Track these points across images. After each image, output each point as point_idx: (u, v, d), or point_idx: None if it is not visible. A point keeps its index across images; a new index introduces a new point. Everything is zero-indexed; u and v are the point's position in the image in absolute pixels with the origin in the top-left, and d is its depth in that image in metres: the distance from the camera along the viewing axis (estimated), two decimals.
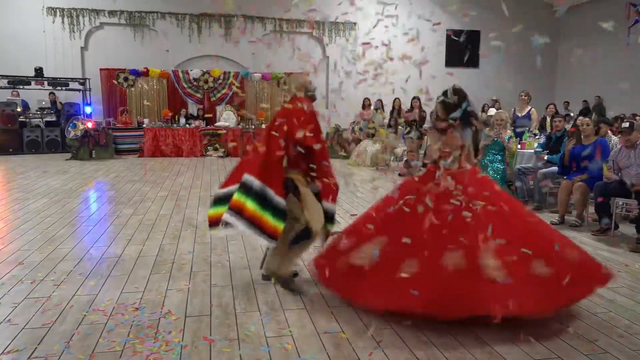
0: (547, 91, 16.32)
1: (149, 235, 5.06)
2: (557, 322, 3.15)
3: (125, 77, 13.28)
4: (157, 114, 13.38)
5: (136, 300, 3.37)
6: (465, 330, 2.97)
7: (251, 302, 3.38)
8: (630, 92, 13.40)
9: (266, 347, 2.77)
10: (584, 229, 5.59)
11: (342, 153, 12.25)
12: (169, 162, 11.23)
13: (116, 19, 13.91)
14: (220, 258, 4.34)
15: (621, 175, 5.21)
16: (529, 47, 16.78)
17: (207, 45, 14.52)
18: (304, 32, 15.13)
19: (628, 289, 3.79)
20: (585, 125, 5.96)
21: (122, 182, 8.30)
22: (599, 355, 2.74)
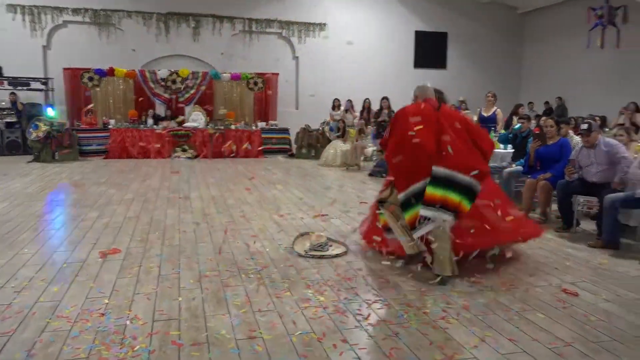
0: (513, 92, 16.71)
1: (115, 238, 4.95)
2: (521, 317, 3.23)
3: (90, 77, 12.96)
4: (124, 114, 13.11)
5: (102, 306, 3.29)
6: (437, 329, 3.02)
7: (221, 305, 3.35)
8: (591, 94, 13.86)
9: (236, 350, 2.74)
10: (547, 226, 5.75)
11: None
12: (136, 163, 11.02)
13: (80, 17, 13.56)
14: (189, 260, 4.28)
15: (582, 173, 5.38)
16: (495, 48, 17.30)
17: (175, 45, 14.31)
18: (274, 32, 15.08)
19: (589, 283, 3.91)
20: (550, 126, 6.13)
21: (87, 185, 8.10)
22: (561, 349, 2.81)
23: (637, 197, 4.71)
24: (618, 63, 13.09)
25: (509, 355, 2.73)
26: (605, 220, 4.85)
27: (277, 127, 13.37)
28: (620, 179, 5.02)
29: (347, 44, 15.01)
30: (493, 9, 16.66)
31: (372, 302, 3.43)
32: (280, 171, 10.25)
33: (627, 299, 3.59)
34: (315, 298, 3.49)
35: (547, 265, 4.35)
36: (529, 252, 4.72)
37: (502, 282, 3.89)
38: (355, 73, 15.37)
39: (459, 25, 16.48)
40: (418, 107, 4.00)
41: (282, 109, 14.68)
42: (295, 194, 7.60)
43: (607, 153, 5.12)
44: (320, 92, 14.99)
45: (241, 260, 4.32)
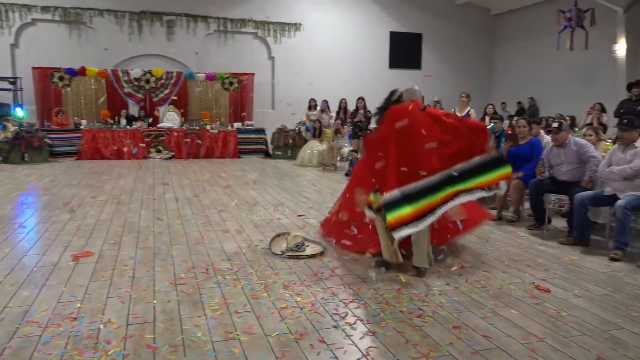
0: (485, 92, 17.00)
1: (87, 241, 4.85)
2: (495, 313, 3.28)
3: (61, 77, 12.69)
4: (96, 114, 12.86)
5: (74, 310, 3.22)
6: (415, 330, 3.05)
7: (196, 307, 3.31)
8: (561, 94, 14.19)
9: (212, 352, 2.72)
10: (520, 224, 5.86)
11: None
12: (109, 164, 10.82)
13: (50, 16, 13.25)
14: (164, 262, 4.23)
15: (553, 172, 5.50)
16: (469, 49, 17.51)
17: (148, 44, 14.11)
18: (249, 32, 15.00)
19: (560, 279, 4.00)
20: (522, 127, 6.25)
21: (59, 187, 7.92)
22: (534, 344, 2.87)
23: (606, 195, 4.84)
24: (586, 64, 13.45)
25: (483, 351, 2.78)
26: (575, 218, 4.97)
27: (253, 128, 13.30)
28: (590, 178, 5.16)
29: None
30: (466, 10, 16.92)
31: (348, 302, 3.44)
32: (256, 171, 10.20)
33: (596, 294, 3.69)
34: (292, 298, 3.48)
35: (520, 262, 4.43)
36: (502, 250, 4.81)
37: (476, 279, 3.95)
38: (331, 73, 15.41)
39: (434, 27, 16.68)
40: (406, 108, 4.11)
41: (258, 109, 14.62)
42: (271, 194, 7.58)
43: (577, 152, 5.25)
44: (296, 92, 14.98)
45: (217, 261, 4.28)
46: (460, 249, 4.77)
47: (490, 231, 5.55)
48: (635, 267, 4.28)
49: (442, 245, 4.53)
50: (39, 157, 10.97)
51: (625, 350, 2.82)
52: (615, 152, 4.91)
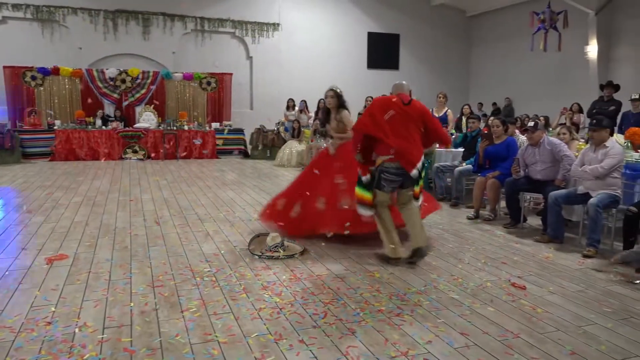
0: (462, 93, 17.22)
1: (62, 243, 4.75)
2: (472, 311, 3.33)
3: (33, 76, 12.41)
4: (70, 115, 12.61)
5: (48, 314, 3.15)
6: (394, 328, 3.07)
7: (175, 309, 3.28)
8: (535, 95, 14.46)
9: (191, 355, 2.69)
10: (496, 223, 5.95)
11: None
12: (84, 166, 10.63)
13: (21, 14, 12.94)
14: (141, 264, 4.17)
15: (528, 171, 5.60)
16: (445, 50, 17.69)
17: (124, 44, 13.90)
18: (227, 31, 14.90)
19: (536, 276, 4.07)
20: (496, 126, 6.35)
21: (32, 188, 7.74)
22: (510, 340, 2.92)
23: (579, 194, 4.95)
24: (560, 65, 13.73)
25: (461, 349, 2.81)
26: (549, 216, 5.07)
27: (231, 128, 13.22)
28: (563, 177, 5.26)
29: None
30: (443, 11, 17.10)
31: (328, 302, 3.44)
32: (235, 172, 10.14)
33: (571, 290, 3.77)
34: (272, 299, 3.47)
35: (497, 260, 4.50)
36: (479, 248, 4.88)
37: (454, 278, 4.00)
38: (309, 73, 15.41)
39: (411, 27, 16.83)
40: (389, 100, 4.40)
41: (237, 109, 14.54)
42: (250, 194, 7.54)
43: (551, 151, 5.35)
44: (275, 92, 14.94)
45: (195, 263, 4.25)
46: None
47: (468, 230, 5.63)
48: (608, 264, 4.38)
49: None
50: (10, 158, 10.72)
51: (598, 344, 2.89)
52: (587, 151, 5.02)
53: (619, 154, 4.78)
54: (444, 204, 6.99)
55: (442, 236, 5.33)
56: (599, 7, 12.61)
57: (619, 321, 3.22)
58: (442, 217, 6.21)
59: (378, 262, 4.35)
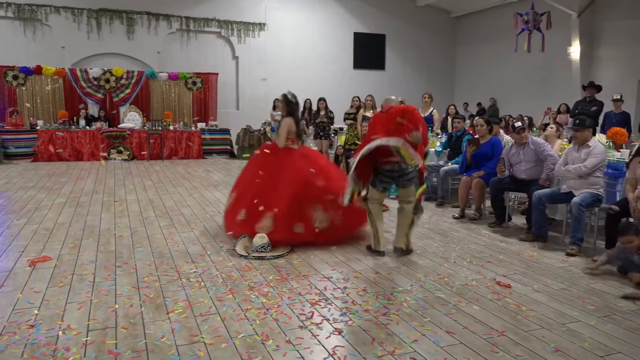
0: (447, 93, 17.34)
1: (45, 245, 4.69)
2: (458, 310, 3.35)
3: (15, 75, 12.22)
4: (53, 115, 12.44)
5: (31, 317, 3.11)
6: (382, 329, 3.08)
7: (160, 311, 3.25)
8: (519, 95, 14.62)
9: (177, 357, 2.67)
10: (481, 222, 6.00)
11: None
12: (67, 166, 10.49)
13: (2, 12, 12.71)
14: (126, 266, 4.13)
15: (512, 171, 5.66)
16: (431, 51, 17.75)
17: (107, 43, 13.73)
18: (212, 31, 14.82)
19: (520, 275, 4.12)
20: (480, 125, 6.40)
21: (14, 189, 7.62)
22: (496, 338, 2.95)
23: (562, 193, 5.01)
24: (543, 66, 13.89)
25: (447, 347, 2.83)
26: (533, 215, 5.13)
27: (217, 128, 13.15)
28: (547, 176, 5.33)
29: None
30: (428, 12, 17.19)
31: (315, 302, 3.44)
32: (221, 172, 10.09)
33: (554, 288, 3.81)
34: (258, 300, 3.46)
35: (482, 259, 4.54)
36: (465, 247, 4.92)
37: (440, 277, 4.02)
38: (295, 73, 15.39)
39: (397, 28, 16.89)
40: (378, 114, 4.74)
41: (223, 109, 14.47)
42: None
43: (535, 151, 5.41)
44: (261, 92, 14.90)
45: (181, 264, 4.22)
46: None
47: (454, 229, 5.66)
48: (590, 262, 4.44)
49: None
50: None
51: (581, 341, 2.93)
52: (570, 151, 5.09)
53: (602, 154, 4.85)
54: (429, 203, 7.04)
55: (428, 235, 5.36)
56: (582, 8, 12.79)
57: (602, 318, 3.27)
58: (428, 217, 6.24)
59: (364, 262, 4.36)
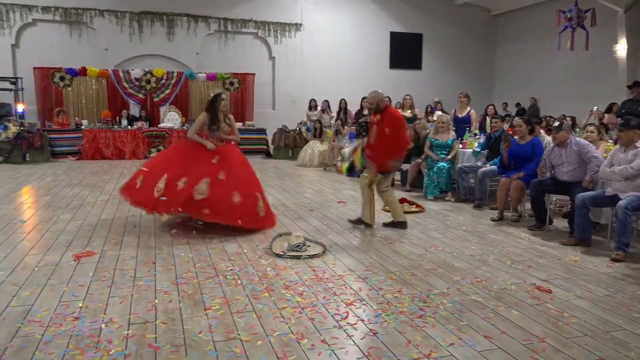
0: (486, 93, 17.00)
1: (89, 241, 4.86)
2: (496, 314, 3.28)
3: (62, 77, 12.71)
4: (97, 115, 12.88)
5: (76, 310, 3.22)
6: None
7: (198, 307, 3.32)
8: (562, 95, 14.19)
9: (214, 352, 2.72)
10: (521, 225, 5.86)
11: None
12: (110, 164, 10.83)
13: (50, 16, 13.25)
14: (165, 262, 4.23)
15: (554, 172, 5.50)
16: (469, 49, 17.52)
17: (149, 45, 14.11)
18: (249, 32, 15.00)
19: (562, 280, 4.00)
20: (519, 126, 6.25)
21: (60, 186, 7.93)
22: (535, 345, 2.87)
23: (607, 196, 4.84)
24: (587, 64, 13.44)
25: (484, 352, 2.78)
26: (576, 218, 4.97)
27: (254, 128, 13.30)
28: (591, 178, 5.15)
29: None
30: (467, 10, 16.91)
31: (350, 302, 3.44)
32: (257, 172, 10.17)
33: (598, 295, 3.68)
34: (293, 299, 3.48)
35: (521, 262, 4.43)
36: (503, 250, 4.81)
37: (477, 280, 3.95)
38: (331, 73, 15.42)
39: (434, 27, 16.68)
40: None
41: (259, 109, 14.63)
42: (272, 194, 7.57)
43: (578, 152, 5.25)
44: (297, 93, 14.99)
45: (218, 261, 4.29)
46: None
47: (491, 231, 5.55)
48: (637, 269, 4.27)
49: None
50: (40, 157, 10.99)
51: (627, 351, 2.82)
52: (616, 152, 4.91)
53: None
54: (466, 205, 6.93)
55: (465, 237, 5.27)
56: (628, 4, 12.29)
57: None
58: (465, 219, 6.15)
59: (400, 263, 4.33)
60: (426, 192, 7.42)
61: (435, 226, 5.77)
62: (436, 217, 6.24)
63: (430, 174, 7.41)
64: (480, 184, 6.83)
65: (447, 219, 6.16)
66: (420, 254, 4.63)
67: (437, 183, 7.34)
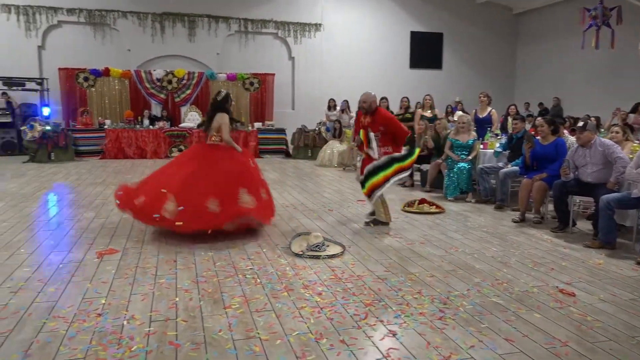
0: (508, 92, 16.79)
1: (111, 239, 4.94)
2: (517, 317, 3.24)
3: (86, 77, 12.95)
4: (119, 114, 13.09)
5: (99, 306, 3.28)
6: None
7: (218, 305, 3.35)
8: (586, 94, 13.93)
9: (234, 350, 2.74)
10: (543, 226, 5.77)
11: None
12: (132, 164, 10.99)
13: (75, 17, 13.51)
14: (186, 260, 4.28)
15: (578, 173, 5.40)
16: (490, 49, 17.31)
17: (170, 45, 14.29)
18: (269, 32, 15.07)
19: (585, 283, 3.93)
20: (540, 126, 6.16)
21: (84, 185, 8.07)
22: (558, 349, 2.83)
23: (633, 197, 4.73)
24: (612, 63, 13.17)
25: (505, 355, 2.74)
26: (601, 221, 4.87)
27: (273, 128, 13.36)
28: (616, 179, 5.04)
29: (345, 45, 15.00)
30: (488, 9, 16.72)
31: (369, 303, 3.43)
32: (277, 172, 10.24)
33: (623, 299, 3.61)
34: (312, 298, 3.49)
35: (544, 265, 4.36)
36: (525, 252, 4.75)
37: (498, 282, 3.90)
38: (351, 73, 15.39)
39: (455, 26, 16.53)
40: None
41: (278, 109, 14.69)
42: (292, 194, 7.60)
43: (603, 153, 5.15)
44: (316, 93, 15.01)
45: (237, 260, 4.32)
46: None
47: (513, 233, 5.48)
48: None
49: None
50: (64, 156, 11.22)
51: None
52: None
53: None
54: (487, 206, 6.85)
55: (486, 239, 5.22)
56: None
57: None
58: (486, 220, 6.08)
59: (420, 264, 4.31)
60: (446, 193, 7.36)
61: (456, 227, 5.72)
62: (456, 218, 6.18)
63: (450, 174, 7.35)
64: (501, 184, 6.75)
65: (468, 220, 6.10)
66: (440, 255, 4.59)
67: (458, 184, 7.27)
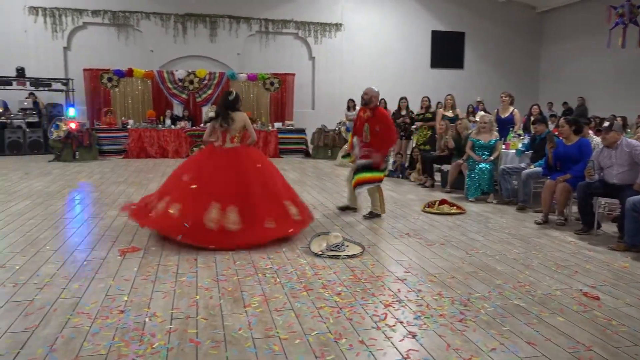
0: (531, 92, 16.54)
1: (134, 237, 5.01)
2: (540, 320, 3.19)
3: (109, 78, 13.17)
4: (142, 114, 13.29)
5: (121, 303, 3.34)
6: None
7: (238, 304, 3.37)
8: (612, 94, 13.64)
9: (253, 349, 2.76)
10: (567, 228, 5.67)
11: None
12: (154, 163, 11.14)
13: (100, 19, 13.77)
14: (206, 259, 4.32)
15: (603, 174, 5.29)
16: (513, 48, 17.08)
17: (192, 46, 14.45)
18: (290, 32, 15.12)
19: (610, 286, 3.85)
20: (561, 126, 6.05)
21: (107, 184, 8.21)
22: (582, 353, 2.77)
23: None
24: (639, 62, 12.86)
25: (527, 359, 2.70)
26: (627, 223, 4.76)
27: (293, 128, 13.40)
28: None
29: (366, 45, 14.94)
30: (511, 8, 16.50)
31: (388, 303, 3.42)
32: (296, 171, 10.27)
33: None
34: (332, 298, 3.49)
35: (567, 268, 4.29)
36: (548, 254, 4.67)
37: (520, 284, 3.85)
38: (371, 73, 15.35)
39: (477, 25, 16.35)
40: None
41: (299, 109, 14.73)
42: (311, 194, 7.61)
43: (629, 154, 5.03)
44: (336, 93, 15.01)
45: (257, 259, 4.34)
46: None
47: (536, 235, 5.40)
48: None
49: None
50: (88, 155, 11.43)
51: None
52: None
53: None
54: (509, 207, 6.76)
55: (508, 240, 5.15)
56: None
57: None
58: (508, 221, 6.00)
59: (440, 265, 4.27)
60: (467, 194, 7.29)
61: (477, 228, 5.66)
62: (477, 219, 6.12)
63: (471, 175, 7.27)
64: (524, 185, 6.65)
65: (489, 221, 6.03)
66: (461, 257, 4.55)
67: (479, 184, 7.19)
